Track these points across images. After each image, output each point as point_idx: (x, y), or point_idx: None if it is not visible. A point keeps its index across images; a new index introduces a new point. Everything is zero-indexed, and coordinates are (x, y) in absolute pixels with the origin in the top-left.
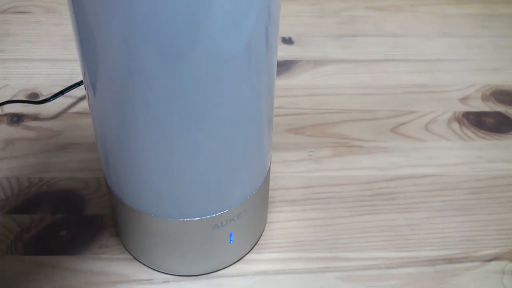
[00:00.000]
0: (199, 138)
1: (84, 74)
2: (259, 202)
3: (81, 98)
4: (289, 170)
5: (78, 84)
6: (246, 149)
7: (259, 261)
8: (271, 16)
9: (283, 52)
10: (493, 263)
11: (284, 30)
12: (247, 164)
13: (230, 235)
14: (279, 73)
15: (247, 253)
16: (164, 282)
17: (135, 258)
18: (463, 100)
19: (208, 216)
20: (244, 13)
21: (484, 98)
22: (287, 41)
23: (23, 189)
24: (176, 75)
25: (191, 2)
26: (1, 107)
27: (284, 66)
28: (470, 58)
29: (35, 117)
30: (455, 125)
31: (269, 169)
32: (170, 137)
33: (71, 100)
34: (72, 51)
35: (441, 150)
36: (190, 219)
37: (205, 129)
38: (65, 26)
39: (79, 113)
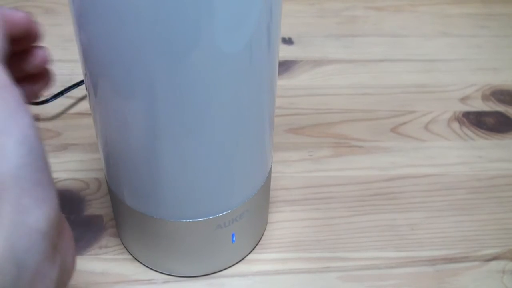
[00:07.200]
0: (201, 139)
1: (86, 75)
2: (261, 202)
3: (81, 99)
4: (289, 170)
5: (78, 84)
6: (249, 149)
7: (260, 261)
8: (273, 16)
9: (283, 52)
10: (493, 263)
11: (284, 30)
12: (250, 164)
13: (233, 235)
14: (279, 73)
15: (248, 254)
16: (164, 282)
17: (135, 258)
18: (463, 100)
19: (211, 217)
20: (247, 13)
21: (484, 98)
22: (287, 41)
23: None
24: (178, 75)
25: (194, 3)
26: None
27: (284, 66)
28: (469, 58)
29: (35, 118)
30: (455, 125)
31: (270, 169)
32: (172, 137)
33: (71, 101)
34: (71, 51)
35: (441, 150)
36: (193, 220)
37: (208, 130)
38: (65, 27)
39: (79, 114)
